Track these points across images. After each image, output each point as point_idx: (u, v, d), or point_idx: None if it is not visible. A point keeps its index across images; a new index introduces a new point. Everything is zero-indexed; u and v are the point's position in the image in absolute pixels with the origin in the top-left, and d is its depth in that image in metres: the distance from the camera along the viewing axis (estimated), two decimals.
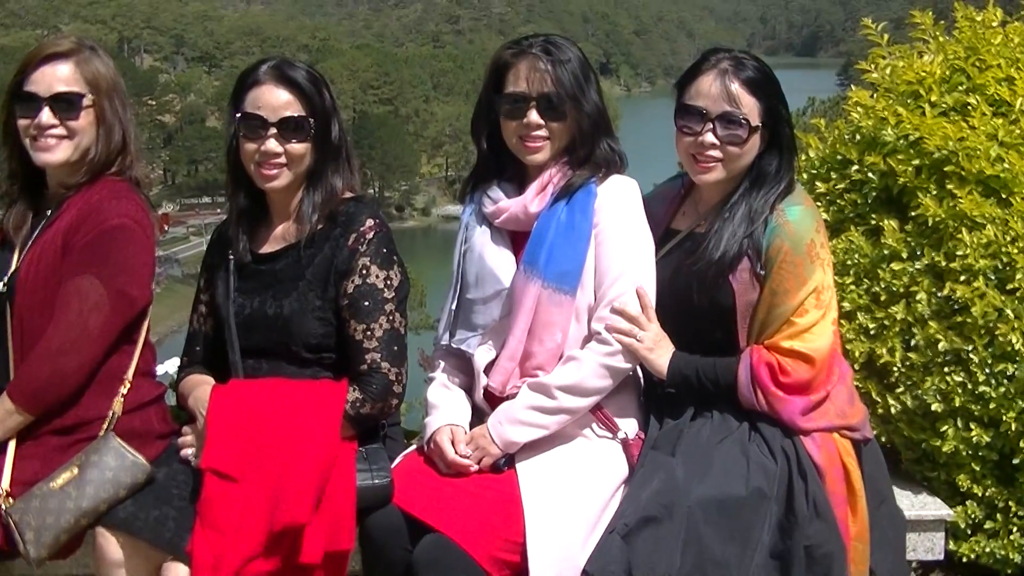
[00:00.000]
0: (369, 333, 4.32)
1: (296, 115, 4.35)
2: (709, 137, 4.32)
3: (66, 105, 4.43)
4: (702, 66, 4.40)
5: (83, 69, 4.48)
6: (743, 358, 4.26)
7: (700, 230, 4.46)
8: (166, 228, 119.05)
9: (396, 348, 4.36)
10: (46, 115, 4.40)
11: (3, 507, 4.14)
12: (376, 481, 4.18)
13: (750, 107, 4.31)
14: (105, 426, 4.35)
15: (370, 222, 4.39)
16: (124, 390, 4.44)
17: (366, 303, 4.33)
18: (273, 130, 4.33)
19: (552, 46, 4.41)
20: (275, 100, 4.36)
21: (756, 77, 4.35)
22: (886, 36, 5.66)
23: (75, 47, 4.52)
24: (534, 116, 4.37)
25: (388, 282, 4.37)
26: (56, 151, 4.44)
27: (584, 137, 4.41)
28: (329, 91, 4.48)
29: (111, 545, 4.09)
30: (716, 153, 4.34)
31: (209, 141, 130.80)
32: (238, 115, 4.40)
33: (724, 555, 3.91)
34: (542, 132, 4.39)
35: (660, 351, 4.31)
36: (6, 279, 4.44)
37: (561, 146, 4.44)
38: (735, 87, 4.31)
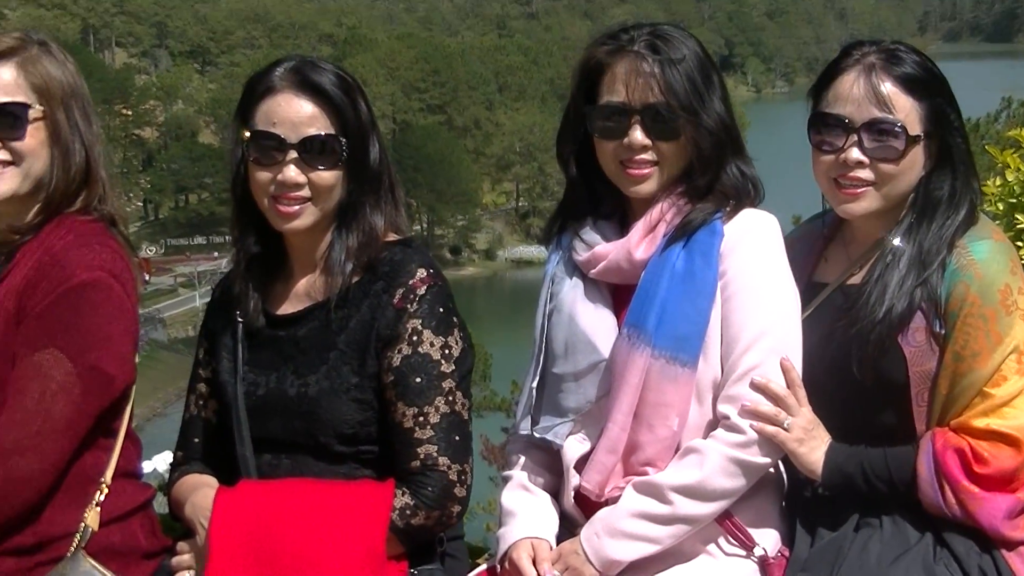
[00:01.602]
0: (422, 419, 4.31)
1: (323, 134, 4.33)
2: (854, 153, 4.34)
3: (10, 120, 4.38)
4: (842, 62, 4.43)
5: (29, 72, 4.44)
6: (923, 445, 4.25)
7: (854, 281, 4.49)
8: (147, 278, 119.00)
9: (458, 438, 4.35)
10: None
11: None
12: None
13: (907, 111, 4.33)
14: (75, 544, 4.34)
15: (421, 273, 4.38)
16: (100, 497, 4.43)
17: (418, 380, 4.32)
18: (293, 154, 4.31)
19: (660, 40, 4.36)
20: (295, 114, 4.33)
21: (915, 73, 4.36)
22: None
23: (17, 44, 4.47)
24: (638, 135, 4.35)
25: (446, 352, 4.36)
26: (1, 182, 4.39)
27: (705, 161, 4.37)
28: (366, 100, 4.47)
29: None
30: (865, 174, 4.36)
31: (202, 163, 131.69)
32: (248, 134, 4.38)
33: None
34: (649, 155, 4.38)
35: (813, 442, 4.31)
36: None
37: (674, 173, 4.42)
38: (887, 87, 4.32)
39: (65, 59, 4.56)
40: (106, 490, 4.45)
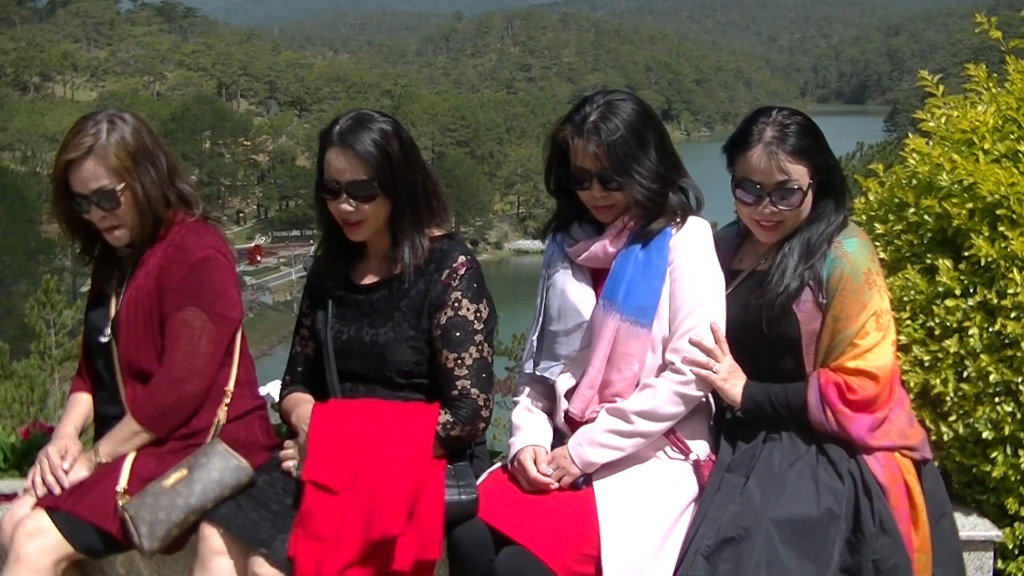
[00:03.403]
0: (460, 361, 4.32)
1: (361, 179, 4.31)
2: (768, 209, 4.32)
3: (105, 198, 4.44)
4: (748, 139, 4.36)
5: (105, 161, 4.43)
6: (811, 381, 4.26)
7: (762, 268, 4.46)
8: (259, 259, 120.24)
9: (485, 376, 4.37)
10: (95, 212, 4.47)
11: (120, 503, 4.25)
12: (463, 497, 4.18)
13: (800, 174, 4.30)
14: (212, 432, 4.48)
15: (462, 259, 4.40)
16: (227, 400, 4.55)
17: (458, 334, 4.33)
18: (344, 194, 4.32)
19: (603, 119, 4.30)
20: (341, 165, 4.31)
21: (800, 145, 4.31)
22: (941, 87, 5.64)
23: (90, 145, 4.43)
24: (596, 191, 4.34)
25: (478, 315, 4.37)
26: (119, 238, 4.55)
27: (648, 196, 4.33)
28: (402, 140, 4.40)
29: (213, 536, 4.18)
30: (776, 217, 4.35)
31: (299, 179, 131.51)
32: (319, 176, 4.42)
33: (800, 572, 3.91)
34: (604, 202, 4.37)
35: (734, 381, 4.31)
36: (109, 328, 4.56)
37: (625, 207, 4.39)
38: (783, 160, 4.28)
39: (126, 126, 4.52)
40: (231, 396, 4.56)
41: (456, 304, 4.35)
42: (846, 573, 3.98)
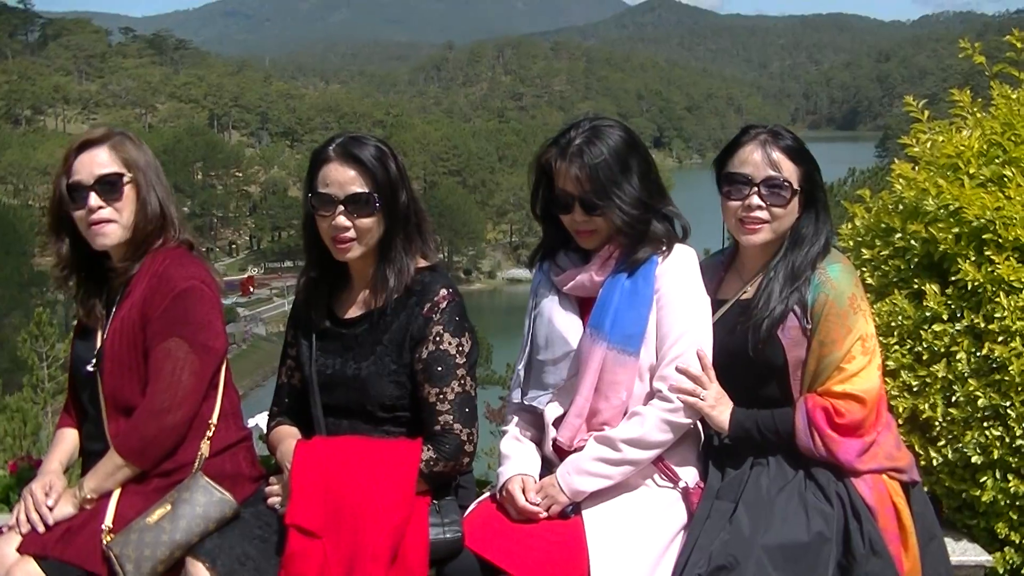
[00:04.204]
0: (442, 396, 4.28)
1: (362, 191, 4.28)
2: (755, 200, 4.34)
3: (109, 187, 4.48)
4: (742, 139, 4.44)
5: (118, 151, 4.53)
6: (799, 406, 4.26)
7: (746, 296, 4.46)
8: (252, 290, 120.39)
9: (467, 410, 4.32)
10: (93, 199, 4.46)
11: (105, 541, 4.23)
12: (447, 535, 4.16)
13: (791, 172, 4.34)
14: (195, 466, 4.43)
15: (444, 292, 4.35)
16: (210, 433, 4.50)
17: (439, 368, 4.29)
18: (341, 207, 4.28)
19: (588, 144, 4.32)
20: (342, 177, 4.28)
21: (794, 146, 4.39)
22: (926, 112, 5.67)
23: (107, 133, 4.59)
24: (578, 214, 4.34)
25: (460, 348, 4.32)
26: (110, 235, 4.51)
27: (627, 223, 4.32)
28: (397, 162, 4.39)
29: (200, 571, 4.14)
30: (762, 215, 4.35)
31: (291, 210, 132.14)
32: (310, 194, 4.38)
33: None
34: (587, 226, 4.36)
35: (721, 407, 4.30)
36: (94, 359, 4.54)
37: (608, 233, 4.39)
38: (776, 154, 4.34)
39: (140, 143, 4.65)
40: (213, 428, 4.51)
41: (438, 338, 4.31)
42: None
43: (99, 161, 4.50)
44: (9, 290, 77.87)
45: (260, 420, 5.36)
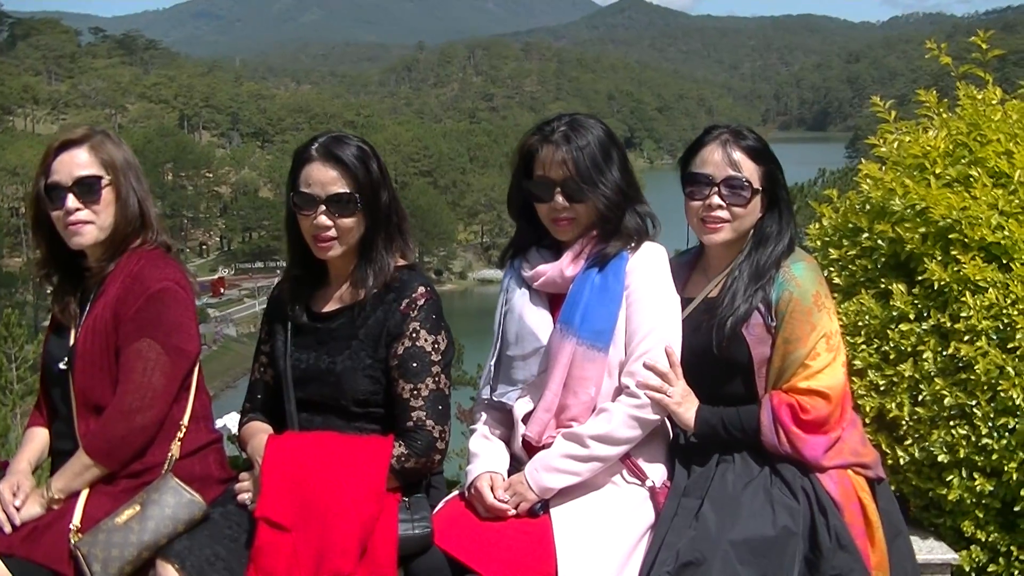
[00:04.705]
0: (416, 392, 4.29)
1: (343, 191, 4.30)
2: (716, 199, 4.37)
3: (87, 189, 4.48)
4: (704, 139, 4.48)
5: (98, 152, 4.52)
6: (764, 403, 4.29)
7: (712, 294, 4.49)
8: (222, 291, 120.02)
9: (441, 408, 4.33)
10: (71, 201, 4.46)
11: (73, 541, 4.22)
12: (416, 531, 4.17)
13: (751, 171, 4.38)
14: (165, 468, 4.43)
15: (421, 290, 4.38)
16: (180, 435, 4.50)
17: (414, 364, 4.30)
18: (323, 207, 4.30)
19: (572, 131, 4.37)
20: (324, 177, 4.31)
21: (755, 145, 4.42)
22: (893, 113, 5.70)
23: (87, 133, 4.58)
24: (560, 200, 4.35)
25: (436, 346, 4.34)
26: (86, 235, 4.51)
27: (608, 212, 4.37)
28: (379, 163, 4.42)
29: (169, 573, 4.13)
30: (723, 214, 4.39)
31: (262, 211, 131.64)
32: (292, 193, 4.38)
33: None
34: (568, 213, 4.38)
35: (687, 404, 4.32)
36: (66, 357, 4.54)
37: (587, 224, 4.42)
38: (737, 154, 4.38)
39: (120, 142, 4.66)
40: (184, 430, 4.51)
41: (414, 334, 4.33)
42: None
43: (78, 162, 4.50)
44: None
45: (229, 421, 5.35)
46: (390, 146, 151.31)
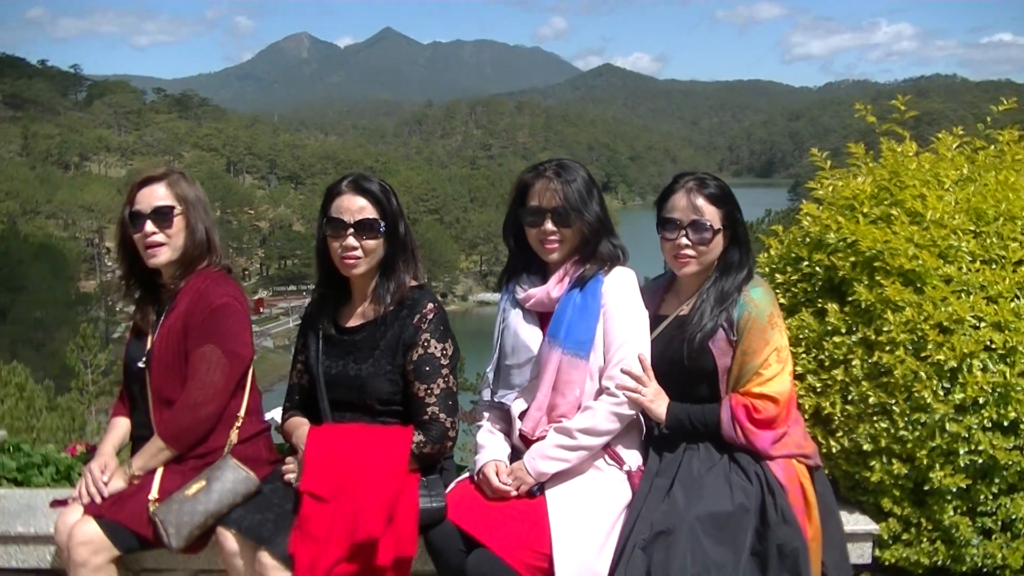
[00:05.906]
0: (429, 391, 4.36)
1: (370, 217, 4.38)
2: (684, 240, 4.42)
3: (162, 216, 4.58)
4: (674, 187, 4.51)
5: (173, 187, 4.64)
6: (724, 404, 4.32)
7: (683, 313, 4.52)
8: (261, 310, 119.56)
9: (451, 403, 4.40)
10: (149, 225, 4.57)
11: (151, 509, 4.33)
12: (433, 504, 4.24)
13: (712, 215, 4.41)
14: (225, 450, 4.52)
15: (431, 306, 4.44)
16: (238, 424, 4.60)
17: (427, 368, 4.36)
18: (351, 230, 4.37)
19: (562, 169, 4.44)
20: (353, 206, 4.38)
21: (715, 192, 4.44)
22: (829, 162, 5.74)
23: (166, 172, 4.69)
24: (549, 225, 4.41)
25: (444, 352, 4.40)
26: (160, 255, 4.62)
27: (589, 238, 4.44)
28: (396, 199, 4.49)
29: (228, 539, 4.25)
30: (690, 252, 4.43)
31: (295, 242, 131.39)
32: (325, 219, 4.44)
33: (720, 558, 3.95)
34: (556, 237, 4.43)
35: (659, 402, 4.37)
36: (145, 358, 4.61)
37: (572, 247, 4.47)
38: (699, 201, 4.41)
39: (193, 182, 4.75)
40: (241, 421, 4.61)
41: (426, 343, 4.38)
42: (756, 556, 4.04)
43: (157, 195, 4.61)
44: (58, 309, 77.54)
45: (275, 414, 5.40)
46: (403, 188, 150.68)
